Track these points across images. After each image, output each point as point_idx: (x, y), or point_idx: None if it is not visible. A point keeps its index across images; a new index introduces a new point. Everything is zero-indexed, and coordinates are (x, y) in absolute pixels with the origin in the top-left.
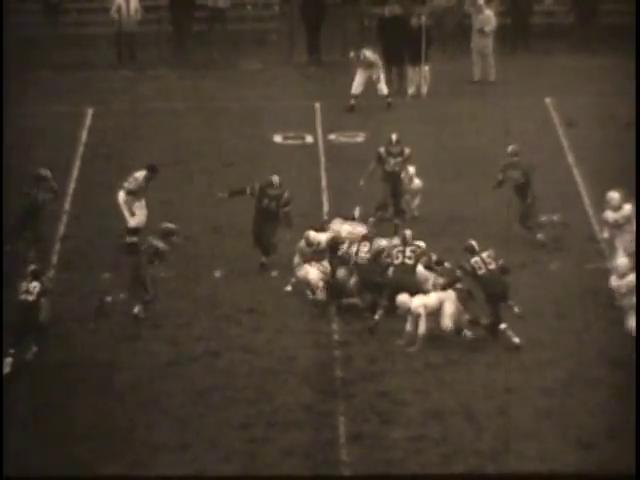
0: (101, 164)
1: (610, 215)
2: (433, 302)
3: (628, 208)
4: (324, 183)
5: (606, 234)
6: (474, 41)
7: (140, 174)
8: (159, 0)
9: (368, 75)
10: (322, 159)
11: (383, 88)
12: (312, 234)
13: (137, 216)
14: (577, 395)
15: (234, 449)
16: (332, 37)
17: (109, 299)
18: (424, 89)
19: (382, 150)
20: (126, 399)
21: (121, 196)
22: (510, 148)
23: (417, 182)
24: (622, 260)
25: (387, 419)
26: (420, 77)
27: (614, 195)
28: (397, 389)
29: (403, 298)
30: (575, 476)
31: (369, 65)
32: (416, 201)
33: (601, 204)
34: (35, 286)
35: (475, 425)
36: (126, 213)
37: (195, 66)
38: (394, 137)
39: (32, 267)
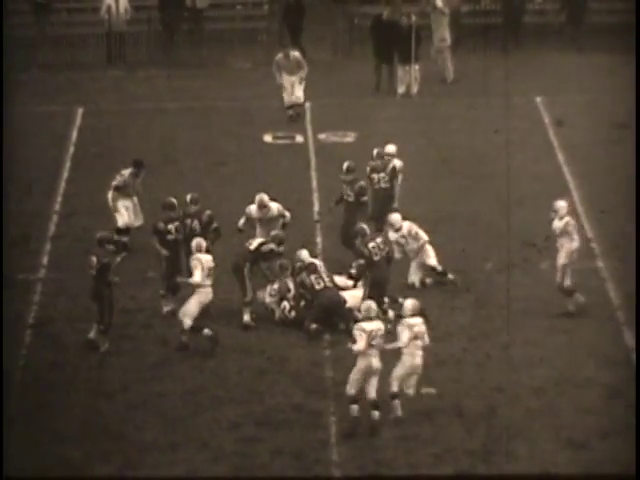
0: (91, 164)
1: (555, 224)
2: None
3: (565, 221)
4: (314, 183)
5: (558, 242)
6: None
7: (126, 171)
8: (148, 0)
9: (293, 80)
10: (312, 159)
11: (301, 96)
12: (266, 197)
13: (122, 215)
14: (568, 394)
15: (224, 449)
16: (322, 36)
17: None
18: (414, 88)
19: (368, 168)
20: (116, 399)
21: (109, 194)
22: (375, 151)
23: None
24: (562, 203)
25: (378, 419)
26: (410, 76)
27: (561, 204)
28: (387, 389)
29: None
30: (570, 477)
31: (296, 67)
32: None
33: (592, 203)
34: (93, 261)
35: (466, 425)
36: (114, 212)
37: (185, 66)
38: (375, 151)
39: (100, 234)
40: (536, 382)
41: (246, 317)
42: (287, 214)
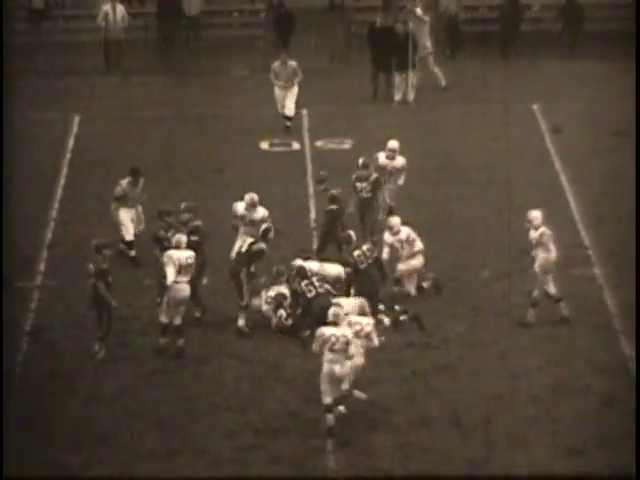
0: (88, 171)
1: (530, 234)
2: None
3: (540, 231)
4: (311, 190)
5: (533, 252)
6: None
7: (124, 180)
8: (146, 7)
9: (285, 91)
10: (309, 166)
11: (292, 107)
12: (256, 197)
13: (127, 227)
14: (565, 402)
15: (222, 456)
16: (319, 43)
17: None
18: (411, 96)
19: (353, 176)
20: (113, 406)
21: (112, 207)
22: (360, 161)
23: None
24: (536, 213)
25: (374, 426)
26: (407, 84)
27: (534, 214)
28: (384, 396)
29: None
30: (569, 478)
31: (292, 75)
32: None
33: (589, 210)
34: (90, 268)
35: (462, 432)
36: (120, 225)
37: (182, 73)
38: (360, 160)
39: (96, 240)
40: (533, 390)
41: (241, 322)
42: (270, 226)
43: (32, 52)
